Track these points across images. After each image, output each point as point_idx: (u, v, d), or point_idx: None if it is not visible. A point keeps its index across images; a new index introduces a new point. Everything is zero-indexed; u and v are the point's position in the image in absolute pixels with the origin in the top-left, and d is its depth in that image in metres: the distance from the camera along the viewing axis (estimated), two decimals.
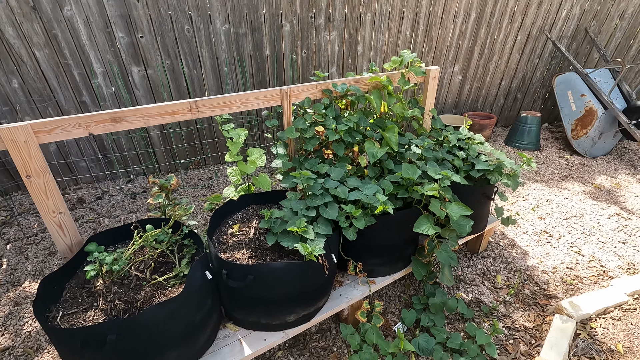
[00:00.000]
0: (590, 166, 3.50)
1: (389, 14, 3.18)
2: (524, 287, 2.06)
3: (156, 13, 2.57)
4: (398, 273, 1.83)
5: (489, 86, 4.08)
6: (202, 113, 1.62)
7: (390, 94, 2.06)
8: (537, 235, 2.49)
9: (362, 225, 1.53)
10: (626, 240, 2.45)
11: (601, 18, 3.89)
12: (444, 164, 1.94)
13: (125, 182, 3.10)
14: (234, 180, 1.81)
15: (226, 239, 1.66)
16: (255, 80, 3.09)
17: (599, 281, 2.10)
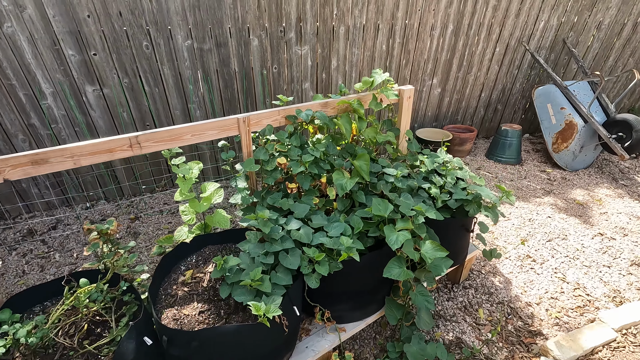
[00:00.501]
0: (572, 180, 3.43)
1: (364, 27, 3.05)
2: (508, 322, 1.92)
3: (110, 29, 2.37)
4: (371, 317, 1.67)
5: (468, 98, 4.00)
6: (146, 148, 1.44)
7: (361, 117, 1.91)
8: (520, 260, 2.37)
9: (325, 271, 1.37)
10: (611, 264, 2.35)
11: (578, 29, 3.86)
12: (419, 194, 1.80)
13: (83, 208, 2.87)
14: (187, 220, 1.62)
15: (175, 289, 1.47)
16: (224, 98, 2.91)
17: (585, 312, 1.98)
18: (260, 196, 1.69)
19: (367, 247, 1.61)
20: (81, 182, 2.81)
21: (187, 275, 1.53)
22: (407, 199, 1.68)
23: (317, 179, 1.77)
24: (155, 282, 1.43)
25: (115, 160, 2.83)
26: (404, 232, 1.47)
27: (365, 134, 1.93)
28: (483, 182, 1.86)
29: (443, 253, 1.47)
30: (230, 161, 1.71)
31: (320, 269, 1.36)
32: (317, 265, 1.38)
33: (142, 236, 2.57)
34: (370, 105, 1.92)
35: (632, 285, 2.18)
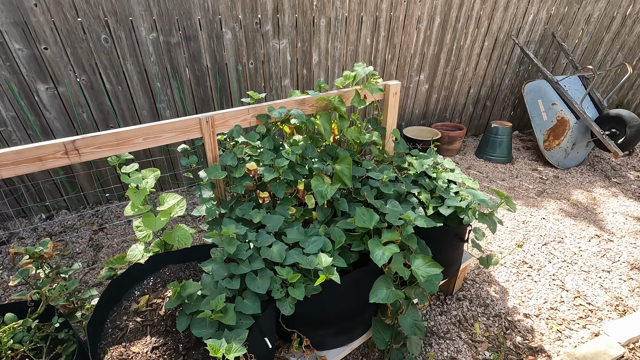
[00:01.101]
0: (565, 179, 3.31)
1: (346, 19, 2.86)
2: (506, 337, 1.76)
3: (62, 20, 2.12)
4: (356, 341, 1.48)
5: (457, 95, 3.85)
6: (86, 155, 1.21)
7: (343, 116, 1.72)
8: (516, 267, 2.22)
9: (301, 295, 1.17)
10: (610, 268, 2.22)
11: (568, 22, 3.75)
12: (407, 200, 1.61)
13: (41, 219, 2.60)
14: (143, 237, 1.40)
15: (126, 320, 1.26)
16: (196, 96, 2.67)
17: (587, 324, 1.83)
18: (228, 207, 1.48)
19: (350, 263, 1.42)
20: (39, 189, 2.54)
21: (141, 302, 1.31)
22: (395, 206, 1.49)
23: (294, 186, 1.56)
24: (99, 312, 1.21)
25: (76, 165, 2.57)
26: (391, 245, 1.28)
27: (347, 134, 1.74)
28: (477, 186, 1.69)
29: (437, 269, 1.29)
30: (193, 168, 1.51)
31: (294, 293, 1.17)
32: (291, 289, 1.18)
33: (106, 249, 2.33)
34: (353, 102, 1.73)
35: (634, 292, 2.05)
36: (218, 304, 1.07)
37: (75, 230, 2.51)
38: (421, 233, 1.53)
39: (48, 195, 2.59)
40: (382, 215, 1.48)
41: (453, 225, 1.63)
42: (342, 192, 1.67)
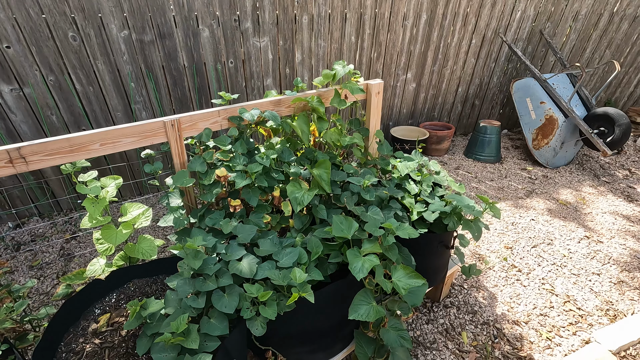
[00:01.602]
0: (554, 178, 3.27)
1: (329, 17, 2.76)
2: (494, 347, 1.69)
3: (24, 16, 1.99)
4: (336, 357, 1.40)
5: (445, 93, 3.78)
6: (35, 164, 1.10)
7: (322, 117, 1.63)
8: (504, 271, 2.15)
9: (272, 314, 1.08)
10: (600, 271, 2.17)
11: (555, 19, 3.71)
12: (390, 206, 1.53)
13: (10, 228, 2.47)
14: (104, 250, 1.29)
15: (82, 343, 1.15)
16: (173, 97, 2.56)
17: (578, 331, 1.77)
18: (198, 216, 1.38)
19: (329, 274, 1.33)
20: (6, 196, 2.41)
21: (101, 322, 1.21)
22: (376, 213, 1.41)
23: (270, 192, 1.47)
24: (52, 335, 1.10)
25: (47, 169, 2.44)
26: (371, 256, 1.20)
27: (326, 136, 1.65)
28: (463, 189, 1.61)
29: (419, 281, 1.21)
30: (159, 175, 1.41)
31: (266, 312, 1.07)
32: (262, 307, 1.09)
33: (77, 259, 2.21)
34: (332, 102, 1.64)
35: (624, 295, 2.00)
36: (179, 326, 0.98)
37: (46, 239, 2.39)
38: (404, 240, 1.45)
39: (17, 202, 2.46)
40: (362, 223, 1.39)
41: (438, 232, 1.56)
42: (321, 199, 1.58)
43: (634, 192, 3.07)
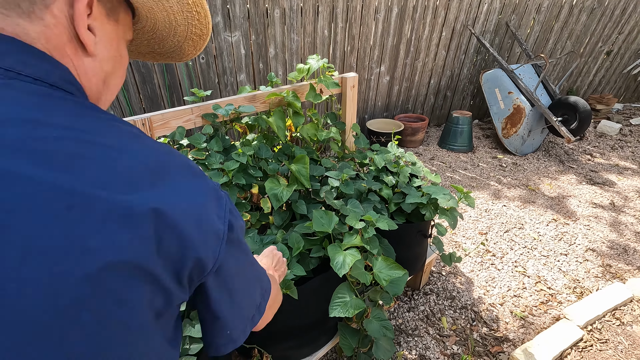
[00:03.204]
0: (523, 165, 3.41)
1: (302, 10, 2.74)
2: (473, 329, 1.76)
3: None
4: (322, 350, 1.41)
5: (418, 86, 3.85)
6: None
7: (298, 112, 1.62)
8: (480, 257, 2.23)
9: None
10: (567, 251, 2.29)
11: (520, 11, 3.84)
12: (369, 199, 1.55)
13: None
14: None
15: None
16: (143, 95, 2.47)
17: (549, 309, 1.87)
18: None
19: (311, 269, 1.34)
20: None
21: None
22: (355, 206, 1.42)
23: (248, 190, 1.46)
24: None
25: None
26: (352, 250, 1.21)
27: (303, 131, 1.65)
28: (439, 179, 1.66)
29: (400, 272, 1.23)
30: None
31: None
32: None
33: None
34: (308, 97, 1.64)
35: (589, 273, 2.12)
36: None
37: None
38: (384, 231, 1.48)
39: None
40: (342, 216, 1.40)
41: (416, 221, 1.60)
42: (301, 194, 1.58)
43: (596, 175, 3.25)
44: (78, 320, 0.30)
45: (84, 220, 0.30)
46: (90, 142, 0.35)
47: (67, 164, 0.32)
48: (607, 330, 1.73)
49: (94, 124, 0.37)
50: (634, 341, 1.68)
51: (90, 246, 0.30)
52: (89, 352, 0.31)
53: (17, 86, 0.34)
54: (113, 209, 0.32)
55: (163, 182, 0.37)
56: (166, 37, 0.57)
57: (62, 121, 0.34)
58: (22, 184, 0.29)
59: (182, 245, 0.36)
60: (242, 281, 0.49)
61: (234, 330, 0.48)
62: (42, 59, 0.37)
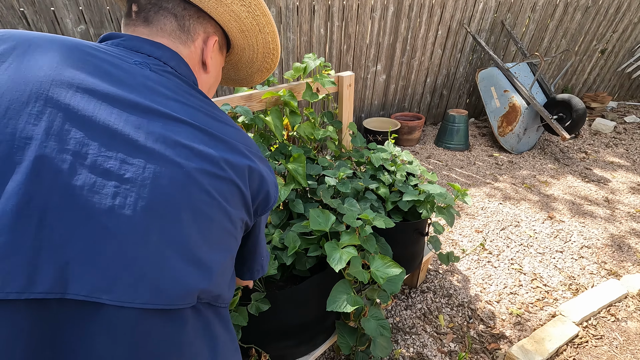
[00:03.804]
0: (519, 163, 3.43)
1: (297, 9, 2.74)
2: (470, 327, 1.77)
3: None
4: (319, 349, 1.41)
5: (414, 84, 3.86)
6: None
7: (294, 111, 1.62)
8: (476, 254, 2.25)
9: (244, 320, 1.08)
10: (563, 248, 2.31)
11: (515, 10, 3.85)
12: (366, 197, 1.55)
13: None
14: None
15: None
16: None
17: (545, 306, 1.88)
18: None
19: (308, 268, 1.34)
20: None
21: None
22: (352, 205, 1.42)
23: None
24: None
25: None
26: (349, 248, 1.21)
27: (300, 130, 1.64)
28: (435, 178, 1.66)
29: (397, 270, 1.24)
30: None
31: (237, 319, 1.07)
32: (233, 314, 1.08)
33: None
34: (304, 96, 1.64)
35: (585, 270, 2.14)
36: None
37: None
38: (381, 230, 1.48)
39: None
40: (339, 215, 1.40)
41: (413, 220, 1.60)
42: (298, 193, 1.58)
43: (591, 173, 3.27)
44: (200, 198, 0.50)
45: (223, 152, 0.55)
46: (212, 111, 0.58)
47: (205, 119, 0.56)
48: (602, 327, 1.74)
49: (212, 104, 0.61)
50: (629, 337, 1.69)
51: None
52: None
53: (176, 75, 0.59)
54: (229, 144, 0.56)
55: (249, 145, 0.61)
56: (243, 68, 0.81)
57: (199, 95, 0.59)
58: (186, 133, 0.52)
59: (261, 182, 0.60)
60: (263, 234, 0.75)
61: (264, 260, 0.79)
62: (186, 67, 0.62)
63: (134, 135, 0.46)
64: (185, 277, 0.47)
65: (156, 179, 0.45)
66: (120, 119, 0.46)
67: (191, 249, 0.47)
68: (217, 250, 0.52)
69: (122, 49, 0.56)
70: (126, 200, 0.43)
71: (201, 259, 0.49)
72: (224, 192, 0.52)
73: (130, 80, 0.50)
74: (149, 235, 0.44)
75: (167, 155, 0.47)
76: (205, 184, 0.49)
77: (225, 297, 0.58)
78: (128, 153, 0.45)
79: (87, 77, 0.47)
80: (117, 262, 0.42)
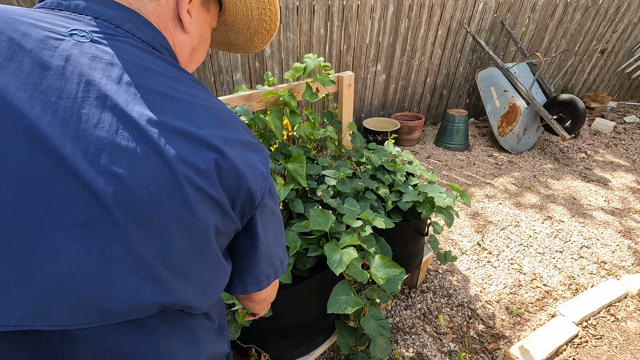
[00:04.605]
0: (518, 163, 3.43)
1: (297, 9, 2.74)
2: (469, 327, 1.77)
3: None
4: (319, 349, 1.41)
5: (414, 84, 3.86)
6: None
7: (294, 111, 1.62)
8: (476, 254, 2.25)
9: (247, 320, 1.07)
10: (562, 249, 2.31)
11: (515, 10, 3.85)
12: (366, 197, 1.55)
13: None
14: None
15: None
16: None
17: (544, 306, 1.88)
18: None
19: (308, 268, 1.34)
20: None
21: None
22: (352, 205, 1.42)
23: None
24: None
25: None
26: (349, 249, 1.21)
27: (300, 130, 1.64)
28: (435, 178, 1.66)
29: (396, 270, 1.24)
30: None
31: (241, 318, 1.06)
32: (237, 312, 1.08)
33: None
34: (304, 96, 1.64)
35: (584, 270, 2.14)
36: None
37: None
38: (381, 229, 1.48)
39: None
40: (339, 215, 1.41)
41: (413, 220, 1.60)
42: (297, 193, 1.58)
43: (590, 173, 3.28)
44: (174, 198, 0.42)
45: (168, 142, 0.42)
46: (175, 88, 0.46)
47: (160, 102, 0.44)
48: (602, 327, 1.74)
49: (179, 77, 0.48)
50: (628, 337, 1.69)
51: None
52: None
53: (132, 43, 0.47)
54: (188, 136, 0.44)
55: (224, 128, 0.48)
56: (241, 30, 0.69)
57: (159, 68, 0.47)
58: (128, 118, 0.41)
59: (238, 178, 0.47)
60: (275, 229, 0.59)
61: (262, 271, 0.58)
62: (149, 28, 0.50)
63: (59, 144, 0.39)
64: (136, 294, 0.41)
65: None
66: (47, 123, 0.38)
67: (141, 263, 0.41)
68: (179, 261, 0.44)
69: (60, 14, 0.45)
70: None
71: (154, 273, 0.42)
72: (182, 198, 0.42)
73: (57, 83, 0.39)
74: (90, 253, 0.39)
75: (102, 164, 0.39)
76: (155, 193, 0.41)
77: (201, 306, 0.51)
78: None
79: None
80: (50, 283, 0.37)
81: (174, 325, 0.49)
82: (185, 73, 0.50)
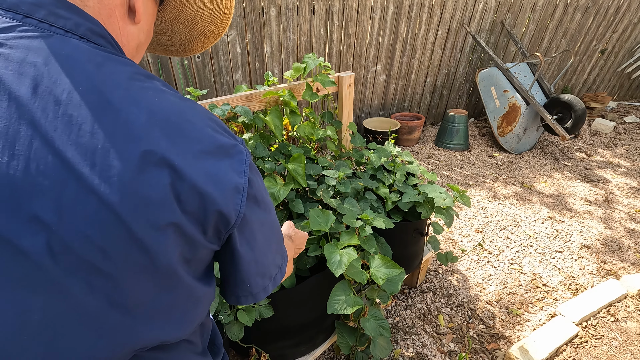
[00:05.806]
0: (518, 163, 3.43)
1: (297, 9, 2.74)
2: (469, 327, 1.77)
3: None
4: (319, 349, 1.41)
5: (414, 84, 3.86)
6: None
7: (294, 111, 1.62)
8: (476, 254, 2.25)
9: (250, 321, 1.08)
10: (562, 248, 2.31)
11: (515, 10, 3.85)
12: (366, 197, 1.55)
13: None
14: None
15: None
16: None
17: (544, 306, 1.88)
18: None
19: (308, 268, 1.34)
20: None
21: None
22: (352, 205, 1.42)
23: None
24: None
25: None
26: (348, 249, 1.21)
27: (300, 130, 1.64)
28: (435, 178, 1.66)
29: (396, 270, 1.24)
30: None
31: (243, 318, 1.06)
32: (240, 312, 1.08)
33: None
34: (304, 96, 1.64)
35: (584, 270, 2.14)
36: None
37: None
38: (381, 229, 1.48)
39: None
40: (339, 215, 1.40)
41: (413, 220, 1.60)
42: (297, 193, 1.58)
43: (590, 173, 3.28)
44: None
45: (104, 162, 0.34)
46: (109, 92, 0.36)
47: (88, 118, 0.34)
48: (602, 327, 1.74)
49: (116, 73, 0.38)
50: (628, 337, 1.69)
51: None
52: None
53: (46, 37, 0.36)
54: (129, 157, 0.35)
55: (178, 136, 0.38)
56: (180, 30, 0.59)
57: (87, 68, 0.36)
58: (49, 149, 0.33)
59: (202, 200, 0.38)
60: (266, 239, 0.51)
61: (254, 285, 0.51)
62: (72, 11, 0.38)
63: None
64: (94, 351, 0.37)
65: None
66: None
67: (93, 317, 0.36)
68: (142, 304, 0.39)
69: None
70: None
71: (112, 324, 0.37)
72: (131, 239, 0.35)
73: None
74: (29, 314, 0.34)
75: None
76: (95, 238, 0.34)
77: (179, 337, 0.45)
78: None
79: None
80: None
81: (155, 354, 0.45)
82: (128, 65, 0.40)
